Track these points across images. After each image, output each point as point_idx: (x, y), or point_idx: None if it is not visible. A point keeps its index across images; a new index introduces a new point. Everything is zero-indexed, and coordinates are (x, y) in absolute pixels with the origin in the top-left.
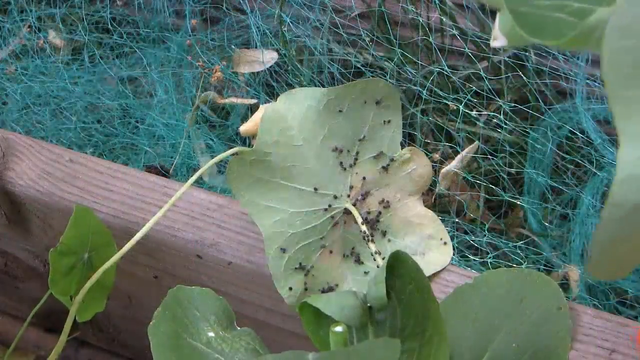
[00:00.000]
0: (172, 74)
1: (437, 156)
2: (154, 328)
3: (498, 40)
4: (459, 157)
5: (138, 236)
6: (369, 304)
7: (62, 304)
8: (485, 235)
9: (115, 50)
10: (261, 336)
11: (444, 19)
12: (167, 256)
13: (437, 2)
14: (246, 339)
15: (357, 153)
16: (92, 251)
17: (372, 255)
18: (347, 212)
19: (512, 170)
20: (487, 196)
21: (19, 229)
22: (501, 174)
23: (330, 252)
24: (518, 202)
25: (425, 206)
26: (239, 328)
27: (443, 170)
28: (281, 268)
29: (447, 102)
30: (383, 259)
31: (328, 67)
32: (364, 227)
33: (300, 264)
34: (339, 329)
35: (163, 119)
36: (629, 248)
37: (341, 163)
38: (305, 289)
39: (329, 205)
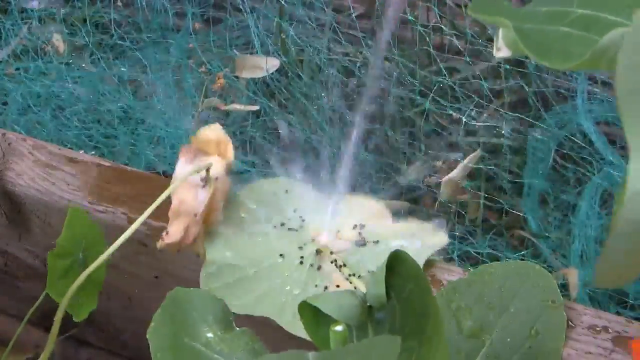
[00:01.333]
0: (172, 75)
1: (439, 164)
2: (154, 331)
3: (502, 51)
4: (460, 165)
5: (128, 232)
6: (368, 303)
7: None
8: (485, 238)
9: (116, 50)
10: (261, 337)
11: (444, 28)
12: (167, 256)
13: (435, 6)
14: (245, 339)
15: (301, 217)
16: (85, 251)
17: (347, 279)
18: (318, 252)
19: (513, 170)
20: (487, 202)
21: (19, 229)
22: (502, 173)
23: (326, 287)
24: (519, 208)
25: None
26: (237, 328)
27: (444, 179)
28: (294, 322)
29: (450, 112)
30: (369, 271)
31: (328, 67)
32: (333, 257)
33: None
34: (338, 328)
35: (163, 119)
36: (636, 259)
37: (289, 229)
38: None
39: (301, 257)
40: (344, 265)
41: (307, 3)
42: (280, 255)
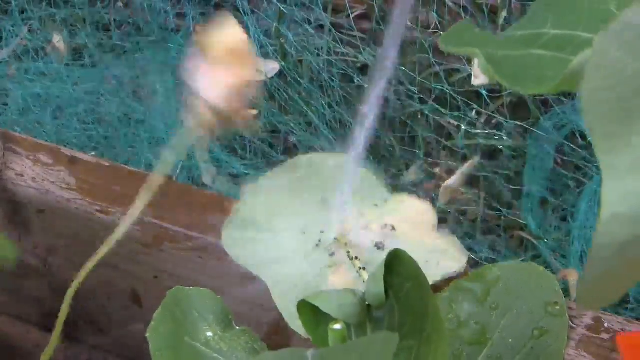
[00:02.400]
0: (172, 75)
1: (437, 170)
2: (153, 330)
3: (479, 78)
4: (458, 172)
5: (120, 231)
6: (367, 302)
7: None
8: (485, 240)
9: (116, 50)
10: (261, 336)
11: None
12: (167, 256)
13: (434, 11)
14: (245, 338)
15: (344, 200)
16: None
17: (357, 271)
18: (336, 240)
19: (512, 172)
20: (486, 203)
21: (19, 229)
22: (501, 177)
23: (338, 276)
24: (519, 210)
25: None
26: (237, 327)
27: (443, 186)
28: (292, 308)
29: (449, 119)
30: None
31: (327, 68)
32: (348, 248)
33: None
34: (337, 326)
35: (163, 120)
36: (616, 281)
37: (325, 206)
38: None
39: (319, 240)
40: (357, 258)
41: (306, 4)
42: (303, 232)
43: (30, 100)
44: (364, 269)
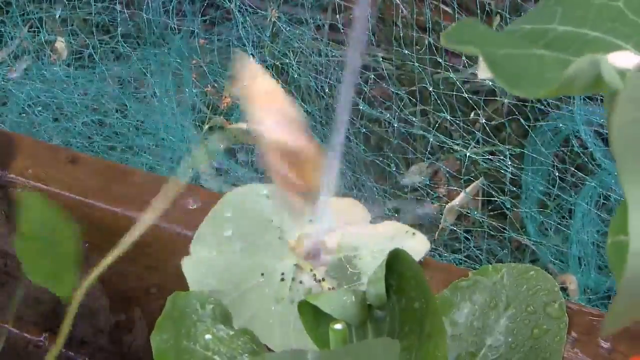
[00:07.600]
0: (172, 77)
1: (442, 190)
2: (155, 336)
3: (485, 71)
4: (462, 194)
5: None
6: (368, 302)
7: (60, 303)
8: (484, 244)
9: (116, 51)
10: (263, 335)
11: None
12: (168, 256)
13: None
14: (244, 339)
15: (279, 227)
16: (53, 233)
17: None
18: (298, 266)
19: (510, 177)
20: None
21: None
22: (501, 181)
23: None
24: (517, 214)
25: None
26: (235, 328)
27: (448, 206)
28: (291, 341)
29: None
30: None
31: (325, 69)
32: (313, 272)
33: None
34: (338, 326)
35: (163, 121)
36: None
37: (267, 241)
38: None
39: (282, 273)
40: (323, 279)
41: (304, 5)
42: (262, 274)
43: (30, 102)
44: (333, 288)
